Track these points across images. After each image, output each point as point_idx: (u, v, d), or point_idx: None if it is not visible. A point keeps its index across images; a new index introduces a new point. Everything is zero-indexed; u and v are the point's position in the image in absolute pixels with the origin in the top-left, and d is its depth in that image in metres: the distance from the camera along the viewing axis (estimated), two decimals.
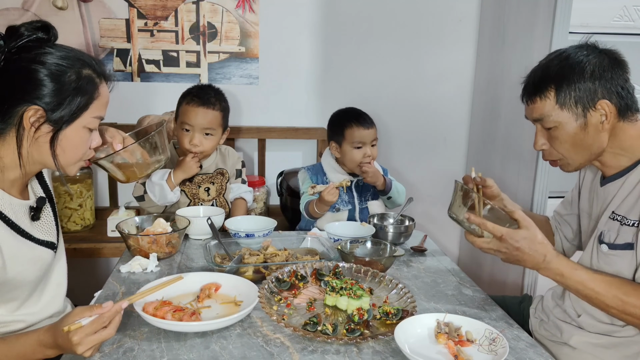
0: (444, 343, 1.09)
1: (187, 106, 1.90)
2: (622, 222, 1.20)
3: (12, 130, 1.11)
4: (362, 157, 1.94)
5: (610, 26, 2.05)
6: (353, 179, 2.00)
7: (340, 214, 1.99)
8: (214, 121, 1.92)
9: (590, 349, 1.27)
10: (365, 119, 1.97)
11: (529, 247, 1.17)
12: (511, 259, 1.21)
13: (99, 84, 1.17)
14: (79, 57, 1.15)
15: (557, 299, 1.41)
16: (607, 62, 1.19)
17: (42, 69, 1.09)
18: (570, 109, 1.20)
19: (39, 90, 1.09)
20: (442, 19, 2.71)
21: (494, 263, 2.55)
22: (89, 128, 1.18)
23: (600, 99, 1.18)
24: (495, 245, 1.21)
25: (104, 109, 1.21)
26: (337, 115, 2.05)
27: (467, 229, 1.27)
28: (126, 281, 1.40)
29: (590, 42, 1.24)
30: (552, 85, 1.21)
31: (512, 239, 1.18)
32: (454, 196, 1.30)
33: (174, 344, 1.09)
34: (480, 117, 2.74)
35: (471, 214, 1.22)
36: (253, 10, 2.56)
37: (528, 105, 1.28)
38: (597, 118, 1.20)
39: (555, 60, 1.23)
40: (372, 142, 1.96)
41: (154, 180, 1.87)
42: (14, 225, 1.16)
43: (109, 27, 2.50)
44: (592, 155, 1.26)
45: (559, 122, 1.22)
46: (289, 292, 1.30)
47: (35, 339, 1.04)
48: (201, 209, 1.88)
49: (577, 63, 1.19)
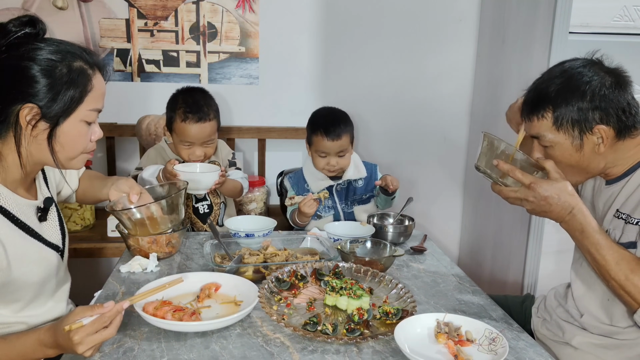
0: (443, 343, 1.09)
1: (184, 124, 1.88)
2: (627, 221, 1.20)
3: (11, 129, 1.10)
4: (325, 165, 1.93)
5: (610, 26, 2.05)
6: (334, 184, 1.98)
7: (324, 220, 1.97)
8: (211, 131, 1.93)
9: (592, 349, 1.27)
10: (333, 130, 1.90)
11: (558, 197, 1.15)
12: (537, 209, 1.19)
13: (92, 75, 1.14)
14: (69, 49, 1.13)
15: (560, 298, 1.41)
16: (610, 84, 1.17)
17: (33, 65, 1.07)
18: (567, 131, 1.20)
19: (32, 88, 1.07)
20: (442, 19, 2.71)
21: (494, 263, 2.55)
22: (87, 121, 1.16)
23: (597, 123, 1.17)
24: (522, 194, 1.18)
25: (101, 100, 1.18)
26: (312, 118, 2.03)
27: (495, 180, 1.25)
28: (126, 281, 1.40)
29: (596, 58, 1.22)
30: (550, 106, 1.20)
31: (541, 188, 1.16)
32: (482, 148, 1.28)
33: (174, 344, 1.09)
34: (480, 117, 2.74)
35: (500, 161, 1.20)
36: (253, 10, 2.56)
37: (526, 122, 1.28)
38: (593, 141, 1.19)
39: (557, 80, 1.21)
40: (338, 153, 1.93)
41: (145, 177, 1.87)
42: (22, 224, 1.15)
43: (109, 27, 2.50)
44: (588, 175, 1.26)
45: (555, 143, 1.22)
46: (289, 292, 1.30)
47: (35, 339, 1.04)
48: (198, 165, 1.89)
49: (578, 86, 1.17)
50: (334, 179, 2.00)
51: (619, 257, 1.14)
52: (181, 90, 2.00)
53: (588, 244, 1.16)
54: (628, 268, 1.12)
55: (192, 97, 1.94)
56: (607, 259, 1.14)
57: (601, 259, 1.15)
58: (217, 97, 2.06)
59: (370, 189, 2.03)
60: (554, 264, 2.15)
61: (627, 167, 1.24)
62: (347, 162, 1.95)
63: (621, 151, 1.21)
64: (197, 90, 2.00)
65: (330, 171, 1.94)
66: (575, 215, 1.16)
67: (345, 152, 1.94)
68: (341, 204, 1.99)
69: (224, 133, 2.57)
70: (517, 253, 2.29)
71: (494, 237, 2.55)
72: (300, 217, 1.91)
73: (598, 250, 1.15)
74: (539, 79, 1.27)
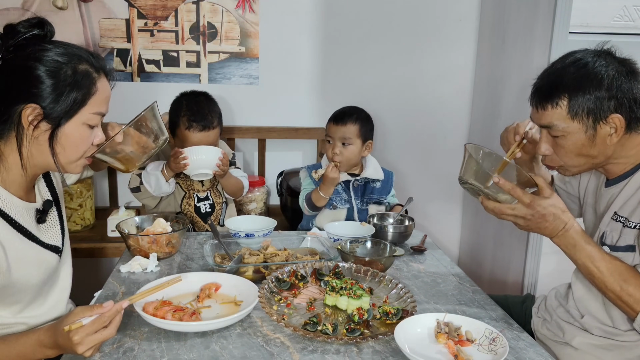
0: (443, 343, 1.09)
1: (188, 132, 1.90)
2: (625, 224, 1.20)
3: (13, 129, 1.10)
4: (330, 152, 1.95)
5: (610, 26, 2.05)
6: (351, 179, 1.99)
7: (338, 212, 1.99)
8: (215, 138, 1.95)
9: (592, 350, 1.27)
10: (341, 117, 1.96)
11: (554, 215, 1.16)
12: (532, 226, 1.19)
13: (97, 79, 1.14)
14: (76, 52, 1.13)
15: (561, 299, 1.41)
16: (625, 73, 1.16)
17: (38, 65, 1.07)
18: (581, 120, 1.17)
19: (36, 88, 1.07)
20: (442, 19, 2.70)
21: (494, 263, 2.55)
22: (89, 125, 1.15)
23: (612, 112, 1.15)
24: (520, 212, 1.18)
25: (105, 104, 1.18)
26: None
27: (479, 190, 1.22)
28: (126, 281, 1.40)
29: (606, 48, 1.21)
30: (566, 94, 1.17)
31: (539, 206, 1.15)
32: (465, 161, 1.25)
33: (174, 344, 1.09)
34: (480, 117, 2.74)
35: (501, 178, 1.18)
36: (253, 10, 2.56)
37: (537, 111, 1.24)
38: (606, 130, 1.17)
39: (571, 68, 1.18)
40: (342, 140, 1.94)
41: (149, 170, 1.89)
42: (20, 227, 1.15)
43: (109, 27, 2.50)
44: (594, 165, 1.25)
45: (568, 132, 1.19)
46: (289, 292, 1.30)
47: (35, 339, 1.04)
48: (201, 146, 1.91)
49: (594, 74, 1.15)
50: (353, 176, 2.01)
51: (613, 268, 1.15)
52: (185, 95, 1.99)
53: (581, 257, 1.17)
54: (621, 278, 1.13)
55: (196, 103, 1.94)
56: (602, 270, 1.15)
57: (596, 270, 1.16)
58: (217, 97, 2.06)
59: (385, 194, 2.04)
60: (554, 264, 2.15)
61: (628, 167, 1.23)
62: (351, 155, 1.95)
63: (627, 146, 1.21)
64: (200, 96, 1.99)
65: (335, 160, 1.94)
66: (568, 230, 1.17)
67: (349, 142, 1.94)
68: (356, 199, 2.00)
69: (224, 133, 2.56)
70: (517, 253, 2.29)
71: (494, 237, 2.55)
72: (324, 189, 1.90)
73: (592, 262, 1.16)
74: (550, 68, 1.24)
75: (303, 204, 1.99)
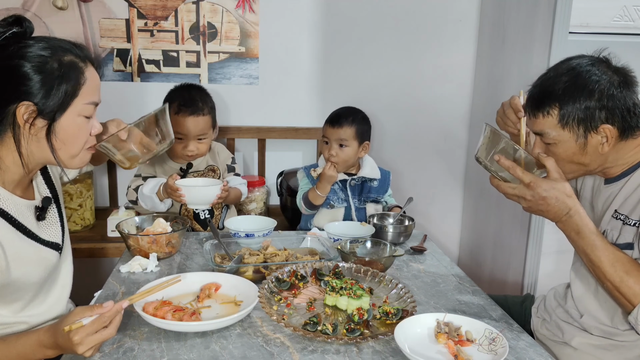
0: (443, 343, 1.10)
1: (177, 117, 1.89)
2: (625, 222, 1.20)
3: (9, 130, 1.10)
4: (327, 153, 1.95)
5: (610, 26, 2.05)
6: (348, 178, 1.99)
7: (336, 211, 1.99)
8: (205, 126, 1.94)
9: (592, 350, 1.27)
10: (337, 119, 1.96)
11: (556, 198, 1.15)
12: (534, 207, 1.19)
13: (84, 68, 1.14)
14: (59, 44, 1.13)
15: (560, 299, 1.41)
16: (617, 84, 1.16)
17: (23, 63, 1.07)
18: (572, 129, 1.18)
19: (25, 85, 1.07)
20: (442, 19, 2.70)
21: (494, 263, 2.55)
22: (85, 115, 1.15)
23: (603, 122, 1.16)
24: (521, 192, 1.19)
25: (96, 93, 1.18)
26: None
27: (494, 173, 1.24)
28: (126, 281, 1.40)
29: (603, 56, 1.21)
30: (557, 103, 1.18)
31: (540, 188, 1.16)
32: (483, 139, 1.27)
33: (174, 344, 1.09)
34: (480, 117, 2.73)
35: (501, 156, 1.19)
36: (253, 10, 2.56)
37: (530, 118, 1.25)
38: (597, 140, 1.18)
39: (564, 77, 1.19)
40: (338, 142, 1.94)
41: (145, 192, 1.87)
42: (19, 225, 1.15)
43: (109, 27, 2.50)
44: (587, 172, 1.25)
45: (559, 140, 1.20)
46: (289, 292, 1.30)
47: (35, 339, 1.04)
48: (200, 180, 1.87)
49: (586, 84, 1.16)
50: (350, 176, 2.01)
51: (615, 259, 1.14)
52: (178, 87, 2.02)
53: (584, 244, 1.17)
54: (623, 270, 1.13)
55: (188, 92, 1.96)
56: (603, 260, 1.14)
57: (597, 260, 1.15)
58: (217, 97, 2.06)
59: (383, 193, 2.04)
60: (553, 264, 2.15)
61: (627, 167, 1.23)
62: (348, 157, 1.95)
63: (622, 151, 1.21)
64: (194, 87, 2.01)
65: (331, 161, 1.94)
66: (572, 216, 1.17)
67: (345, 144, 1.94)
68: (354, 198, 2.00)
69: (224, 133, 2.57)
70: (517, 253, 2.29)
71: (494, 237, 2.55)
72: (320, 187, 1.91)
73: (593, 251, 1.15)
74: (544, 75, 1.25)
75: (300, 203, 1.99)
